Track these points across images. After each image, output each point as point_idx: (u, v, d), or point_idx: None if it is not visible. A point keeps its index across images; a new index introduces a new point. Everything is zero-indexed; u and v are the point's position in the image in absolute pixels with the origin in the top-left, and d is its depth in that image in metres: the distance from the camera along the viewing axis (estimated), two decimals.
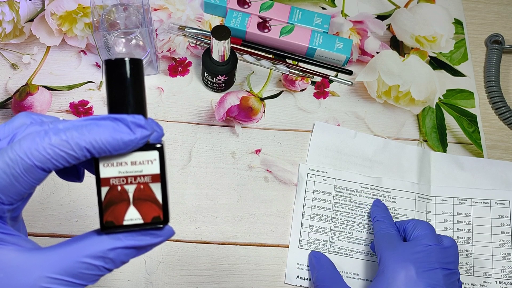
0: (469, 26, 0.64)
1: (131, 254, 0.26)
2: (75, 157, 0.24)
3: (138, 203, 0.26)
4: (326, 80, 0.58)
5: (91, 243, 0.26)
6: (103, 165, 0.25)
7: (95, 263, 0.25)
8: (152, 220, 0.26)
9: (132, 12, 0.53)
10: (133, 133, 0.25)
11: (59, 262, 0.25)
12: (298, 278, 0.48)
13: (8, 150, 0.24)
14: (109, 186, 0.26)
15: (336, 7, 0.63)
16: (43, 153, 0.24)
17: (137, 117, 0.25)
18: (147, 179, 0.26)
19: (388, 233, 0.46)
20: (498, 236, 0.51)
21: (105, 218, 0.26)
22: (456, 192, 0.52)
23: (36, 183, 0.25)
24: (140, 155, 0.26)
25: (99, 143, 0.24)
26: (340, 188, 0.52)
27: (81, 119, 0.25)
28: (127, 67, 0.26)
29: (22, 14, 0.57)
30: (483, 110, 0.59)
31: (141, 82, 0.27)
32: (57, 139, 0.24)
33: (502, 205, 0.52)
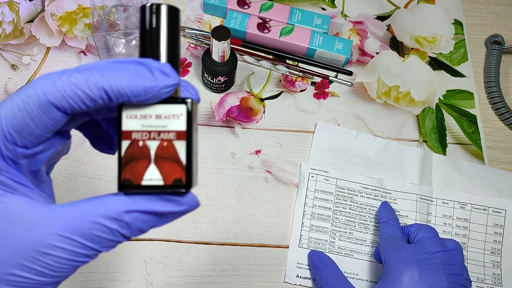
0: (469, 27, 0.64)
1: (150, 222, 0.24)
2: (91, 97, 0.22)
3: (159, 162, 0.24)
4: (326, 81, 0.58)
5: (106, 203, 0.24)
6: (126, 116, 0.24)
7: (109, 225, 0.23)
8: (173, 182, 0.24)
9: (132, 12, 0.53)
10: (155, 79, 0.23)
11: (70, 220, 0.23)
12: (298, 277, 0.48)
13: (26, 86, 0.23)
14: (130, 140, 0.24)
15: (336, 8, 0.63)
16: (60, 90, 0.22)
17: (163, 64, 0.23)
18: (172, 135, 0.24)
19: (393, 234, 0.46)
20: (491, 244, 0.51)
21: (123, 175, 0.24)
22: (457, 196, 0.53)
23: (52, 126, 0.23)
24: (166, 108, 0.24)
25: (117, 85, 0.22)
26: (341, 188, 0.52)
27: (105, 61, 0.24)
28: (162, 14, 0.24)
29: (22, 15, 0.57)
30: (483, 110, 0.59)
31: (175, 32, 0.25)
32: (75, 76, 0.22)
33: (499, 214, 0.52)
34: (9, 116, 0.23)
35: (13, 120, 0.23)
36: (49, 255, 0.23)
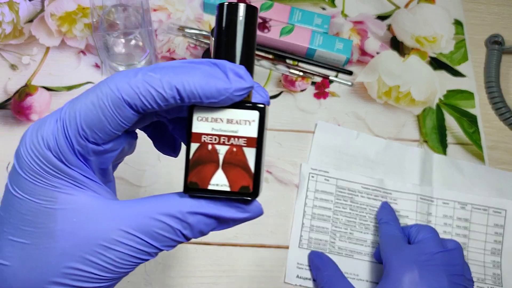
0: (469, 27, 0.64)
1: (211, 225, 0.24)
2: (163, 96, 0.22)
3: (227, 168, 0.23)
4: (326, 81, 0.58)
5: (171, 202, 0.24)
6: (197, 118, 0.23)
7: (172, 224, 0.23)
8: (239, 189, 0.23)
9: (131, 12, 0.53)
10: (229, 81, 0.22)
11: (135, 217, 0.23)
12: (298, 278, 0.48)
13: (101, 83, 0.23)
14: (199, 143, 0.23)
15: (336, 8, 0.63)
16: (133, 86, 0.22)
17: (238, 66, 0.23)
18: (242, 141, 0.23)
19: (393, 235, 0.46)
20: (491, 244, 0.51)
21: (190, 178, 0.23)
22: (457, 196, 0.52)
23: (123, 124, 0.23)
24: (238, 113, 0.23)
25: (190, 85, 0.22)
26: (341, 189, 0.52)
27: (179, 61, 0.24)
28: (240, 13, 0.24)
29: (21, 15, 0.57)
30: (483, 110, 0.59)
31: (252, 32, 0.24)
32: (149, 74, 0.22)
33: (499, 214, 0.52)
34: (84, 111, 0.23)
35: (87, 115, 0.23)
36: (112, 250, 0.23)
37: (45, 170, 0.23)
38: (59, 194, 0.23)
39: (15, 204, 0.23)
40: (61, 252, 0.23)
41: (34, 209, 0.23)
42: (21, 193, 0.23)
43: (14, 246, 0.23)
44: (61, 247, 0.23)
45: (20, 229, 0.23)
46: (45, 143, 0.23)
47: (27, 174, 0.23)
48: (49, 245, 0.23)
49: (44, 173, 0.23)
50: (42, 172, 0.23)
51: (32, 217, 0.23)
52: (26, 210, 0.23)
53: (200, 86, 0.22)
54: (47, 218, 0.23)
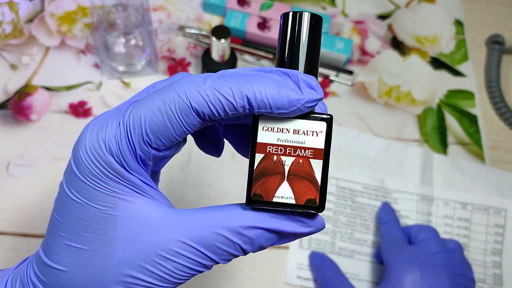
0: (470, 27, 0.64)
1: (272, 240, 0.24)
2: (233, 105, 0.21)
3: (293, 180, 0.23)
4: (327, 80, 0.58)
5: (233, 216, 0.23)
6: (262, 128, 0.22)
7: (233, 238, 0.23)
8: (305, 202, 0.23)
9: (131, 12, 0.53)
10: (301, 92, 0.22)
11: (195, 229, 0.23)
12: (298, 278, 0.48)
13: (168, 87, 0.22)
14: (264, 153, 0.22)
15: (336, 7, 0.63)
16: (202, 94, 0.21)
17: (310, 76, 0.22)
18: (309, 153, 0.22)
19: (394, 235, 0.46)
20: (491, 244, 0.51)
21: (254, 189, 0.23)
22: (458, 196, 0.52)
23: (188, 131, 0.22)
24: (305, 123, 0.22)
25: (262, 94, 0.21)
26: (342, 189, 0.52)
27: (248, 68, 0.23)
28: (304, 22, 0.23)
29: (21, 15, 0.57)
30: (483, 110, 0.59)
31: (317, 41, 0.24)
32: (219, 82, 0.22)
33: (499, 214, 0.52)
34: (149, 116, 0.22)
35: (152, 121, 0.22)
36: (171, 260, 0.23)
37: (106, 175, 0.22)
38: (119, 201, 0.23)
39: (73, 209, 0.23)
40: (119, 261, 0.23)
41: (93, 215, 0.23)
42: (81, 198, 0.23)
43: (71, 252, 0.23)
44: (119, 255, 0.23)
45: (79, 234, 0.23)
46: (107, 147, 0.22)
47: (87, 178, 0.23)
48: (108, 252, 0.23)
49: (105, 178, 0.23)
50: (103, 177, 0.22)
51: (91, 223, 0.23)
52: (85, 215, 0.23)
53: (272, 96, 0.21)
54: (106, 225, 0.23)
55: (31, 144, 0.51)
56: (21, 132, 0.51)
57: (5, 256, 0.45)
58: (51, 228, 0.24)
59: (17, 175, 0.49)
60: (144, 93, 0.25)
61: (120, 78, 0.55)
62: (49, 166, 0.50)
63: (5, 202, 0.48)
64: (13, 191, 0.48)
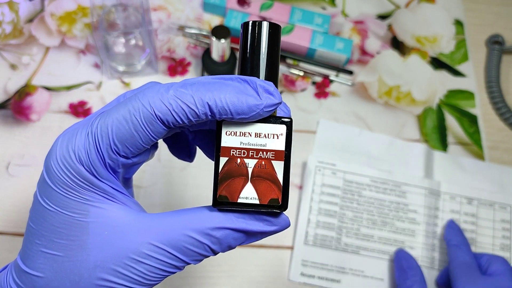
0: (470, 27, 0.64)
1: (239, 239, 0.25)
2: (195, 113, 0.23)
3: (256, 181, 0.24)
4: (327, 80, 0.58)
5: (200, 217, 0.24)
6: (225, 132, 0.24)
7: (201, 239, 0.24)
8: (269, 202, 0.24)
9: (131, 12, 0.53)
10: (259, 97, 0.23)
11: (165, 232, 0.24)
12: (302, 275, 0.48)
13: (133, 98, 0.23)
14: (228, 156, 0.24)
15: (336, 7, 0.63)
16: (165, 103, 0.23)
17: (267, 82, 0.24)
18: (270, 155, 0.24)
19: (466, 262, 0.45)
20: (499, 240, 0.51)
21: (219, 191, 0.24)
22: (464, 191, 0.52)
23: (154, 139, 0.24)
24: (266, 127, 0.24)
25: (222, 101, 0.22)
26: (349, 182, 0.51)
27: (209, 77, 0.24)
28: (263, 30, 0.25)
29: (21, 15, 0.57)
30: (483, 110, 0.59)
31: (276, 49, 0.25)
32: (181, 91, 0.23)
33: (504, 210, 0.52)
34: (116, 126, 0.23)
35: (119, 130, 0.23)
36: (142, 263, 0.24)
37: (77, 183, 0.23)
38: (91, 207, 0.24)
39: (47, 217, 0.24)
40: (93, 265, 0.23)
41: (67, 222, 0.24)
42: (54, 206, 0.24)
43: (47, 258, 0.24)
44: (93, 260, 0.23)
45: (53, 241, 0.24)
46: (77, 157, 0.23)
47: (58, 187, 0.24)
48: (81, 257, 0.24)
49: (76, 186, 0.23)
50: (74, 185, 0.23)
51: (65, 230, 0.24)
52: (59, 223, 0.24)
53: (232, 102, 0.23)
54: (79, 231, 0.24)
55: (31, 144, 0.51)
56: (21, 132, 0.51)
57: (4, 256, 0.45)
58: (27, 236, 0.25)
59: (17, 175, 0.49)
60: (114, 102, 0.26)
61: (120, 78, 0.55)
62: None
63: (5, 202, 0.48)
64: (13, 191, 0.48)
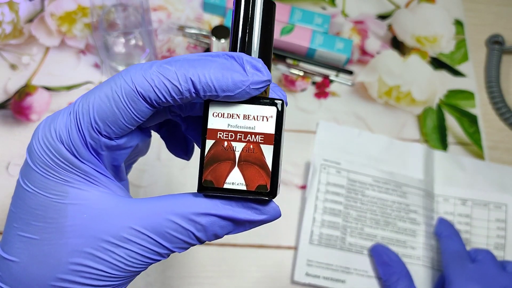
0: (470, 27, 0.64)
1: (226, 228, 0.23)
2: (178, 89, 0.22)
3: (243, 166, 0.22)
4: (327, 80, 0.58)
5: (184, 202, 0.23)
6: (212, 114, 0.22)
7: (185, 225, 0.23)
8: (256, 188, 0.22)
9: (131, 12, 0.53)
10: (246, 73, 0.22)
11: (147, 216, 0.23)
12: (307, 275, 0.47)
13: (116, 75, 0.23)
14: (215, 139, 0.22)
15: (336, 7, 0.63)
16: (147, 78, 0.22)
17: (255, 59, 0.22)
18: (259, 138, 0.22)
19: (457, 250, 0.46)
20: (494, 239, 0.51)
21: (205, 176, 0.22)
22: (457, 193, 0.52)
23: (137, 118, 0.23)
24: (255, 108, 0.22)
25: (206, 77, 0.21)
26: (352, 181, 0.51)
27: (195, 54, 0.23)
28: (257, 7, 0.23)
29: (21, 15, 0.57)
30: (483, 110, 0.59)
31: (269, 26, 0.24)
32: (164, 67, 0.22)
33: (499, 209, 0.52)
34: (97, 104, 0.22)
35: (100, 108, 0.22)
36: (122, 248, 0.22)
37: (56, 163, 0.23)
38: (70, 189, 0.23)
39: (26, 199, 0.23)
40: (71, 249, 0.23)
41: (44, 204, 0.23)
42: (32, 187, 0.23)
43: (23, 242, 0.23)
44: (71, 244, 0.23)
45: (30, 224, 0.23)
46: (58, 136, 0.23)
47: (38, 167, 0.23)
48: (59, 241, 0.23)
49: (55, 166, 0.23)
50: (53, 165, 0.23)
51: (42, 212, 0.23)
52: (36, 204, 0.23)
53: (216, 78, 0.21)
54: (57, 213, 0.23)
55: None
56: (21, 132, 0.51)
57: None
58: (7, 221, 0.24)
59: (17, 175, 0.49)
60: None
61: None
62: None
63: (4, 202, 0.48)
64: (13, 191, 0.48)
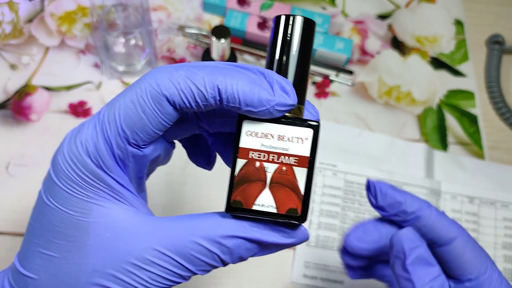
0: (470, 27, 0.64)
1: (252, 250, 0.23)
2: (204, 96, 0.21)
3: (275, 188, 0.22)
4: (327, 80, 0.58)
5: (211, 224, 0.22)
6: (246, 132, 0.22)
7: (211, 247, 0.22)
8: (287, 212, 0.22)
9: (131, 12, 0.53)
10: (273, 93, 0.21)
11: (171, 237, 0.22)
12: (305, 277, 0.47)
13: (139, 80, 0.22)
14: (247, 159, 0.22)
15: (336, 7, 0.63)
16: (173, 81, 0.21)
17: (285, 80, 0.22)
18: (293, 160, 0.22)
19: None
20: (502, 238, 0.51)
21: (234, 196, 0.22)
22: (464, 190, 0.52)
23: (164, 122, 0.22)
24: (291, 129, 0.22)
25: (233, 88, 0.21)
26: (350, 183, 0.51)
27: (225, 63, 0.22)
28: (296, 26, 0.23)
29: (21, 15, 0.57)
30: (483, 110, 0.58)
31: (307, 48, 0.23)
32: (192, 71, 0.21)
33: (506, 208, 0.52)
34: (123, 110, 0.21)
35: (126, 115, 0.21)
36: (145, 270, 0.22)
37: (82, 178, 0.22)
38: (94, 206, 0.22)
39: (48, 214, 0.22)
40: (92, 269, 0.22)
41: (67, 221, 0.22)
42: (55, 203, 0.22)
43: (43, 259, 0.22)
44: (92, 264, 0.22)
45: (50, 241, 0.22)
46: (84, 149, 0.22)
47: (63, 183, 0.22)
48: (79, 260, 0.22)
49: (81, 182, 0.22)
50: (79, 181, 0.22)
51: (64, 229, 0.22)
52: (58, 221, 0.22)
53: (243, 91, 0.21)
54: (79, 231, 0.22)
55: (31, 144, 0.51)
56: (21, 132, 0.51)
57: (4, 256, 0.45)
58: (26, 234, 0.23)
59: (16, 175, 0.49)
60: None
61: (120, 78, 0.55)
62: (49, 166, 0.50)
63: (4, 202, 0.48)
64: (13, 191, 0.48)
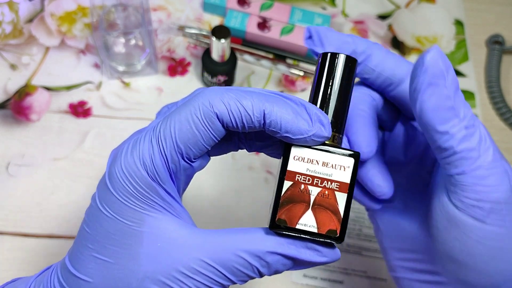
0: (470, 27, 0.64)
1: (287, 266, 0.25)
2: (250, 118, 0.23)
3: (317, 210, 0.24)
4: None
5: (255, 239, 0.24)
6: (293, 157, 0.24)
7: (252, 261, 0.24)
8: (326, 232, 0.24)
9: (131, 12, 0.53)
10: (312, 124, 0.24)
11: (218, 250, 0.24)
12: (305, 277, 0.48)
13: (192, 99, 0.24)
14: (293, 181, 0.24)
15: (336, 7, 0.63)
16: (224, 102, 0.23)
17: (323, 113, 0.24)
18: (335, 185, 0.24)
19: None
20: None
21: (279, 215, 0.24)
22: None
23: (214, 138, 0.24)
24: (335, 157, 0.24)
25: (278, 115, 0.23)
26: None
27: (269, 90, 0.25)
28: (339, 63, 0.25)
29: (21, 15, 0.57)
30: (484, 110, 0.58)
31: (348, 84, 0.26)
32: (242, 94, 0.24)
33: None
34: (178, 127, 0.24)
35: (181, 131, 0.24)
36: (191, 278, 0.24)
37: (138, 191, 0.24)
38: (146, 217, 0.24)
39: (103, 222, 0.24)
40: (143, 275, 0.24)
41: (122, 230, 0.24)
42: (111, 212, 0.24)
43: (97, 264, 0.24)
44: (143, 270, 0.24)
45: (106, 247, 0.24)
46: (142, 163, 0.24)
47: (119, 194, 0.24)
48: (132, 266, 0.24)
49: (136, 194, 0.24)
50: (135, 193, 0.24)
51: (119, 237, 0.24)
52: (114, 229, 0.24)
53: (286, 119, 0.23)
54: (133, 240, 0.24)
55: (31, 144, 0.51)
56: (21, 132, 0.51)
57: (4, 256, 0.45)
58: (80, 239, 0.25)
59: (16, 175, 0.49)
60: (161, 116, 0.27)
61: (120, 78, 0.55)
62: (49, 166, 0.50)
63: (4, 202, 0.48)
64: (13, 191, 0.48)
